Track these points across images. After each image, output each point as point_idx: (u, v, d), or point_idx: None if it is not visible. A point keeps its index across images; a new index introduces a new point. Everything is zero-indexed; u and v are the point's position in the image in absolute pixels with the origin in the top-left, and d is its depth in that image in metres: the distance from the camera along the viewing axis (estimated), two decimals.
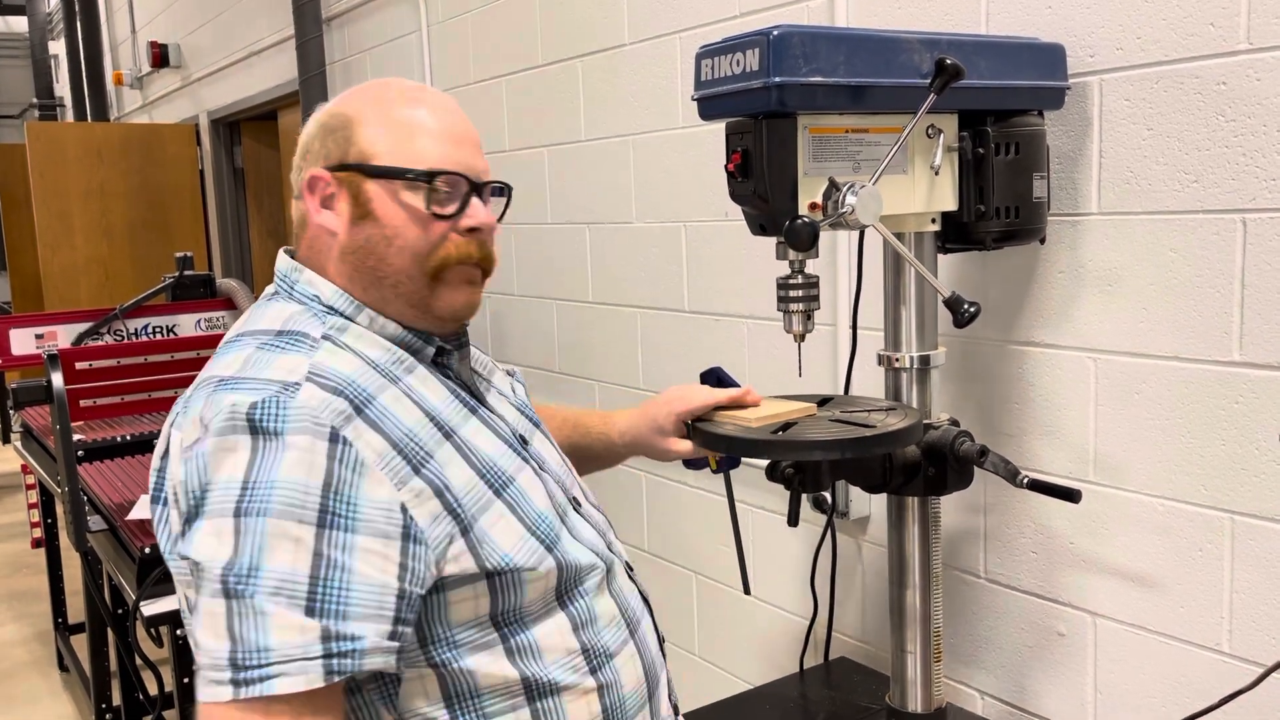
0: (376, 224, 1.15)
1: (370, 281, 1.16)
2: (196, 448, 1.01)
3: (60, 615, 4.04)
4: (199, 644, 0.97)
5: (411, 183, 1.15)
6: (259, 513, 0.96)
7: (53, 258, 5.66)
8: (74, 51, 7.43)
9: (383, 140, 1.16)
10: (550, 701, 1.14)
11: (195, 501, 0.99)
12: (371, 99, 1.19)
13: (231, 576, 0.96)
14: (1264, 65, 1.38)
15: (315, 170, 1.17)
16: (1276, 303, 1.40)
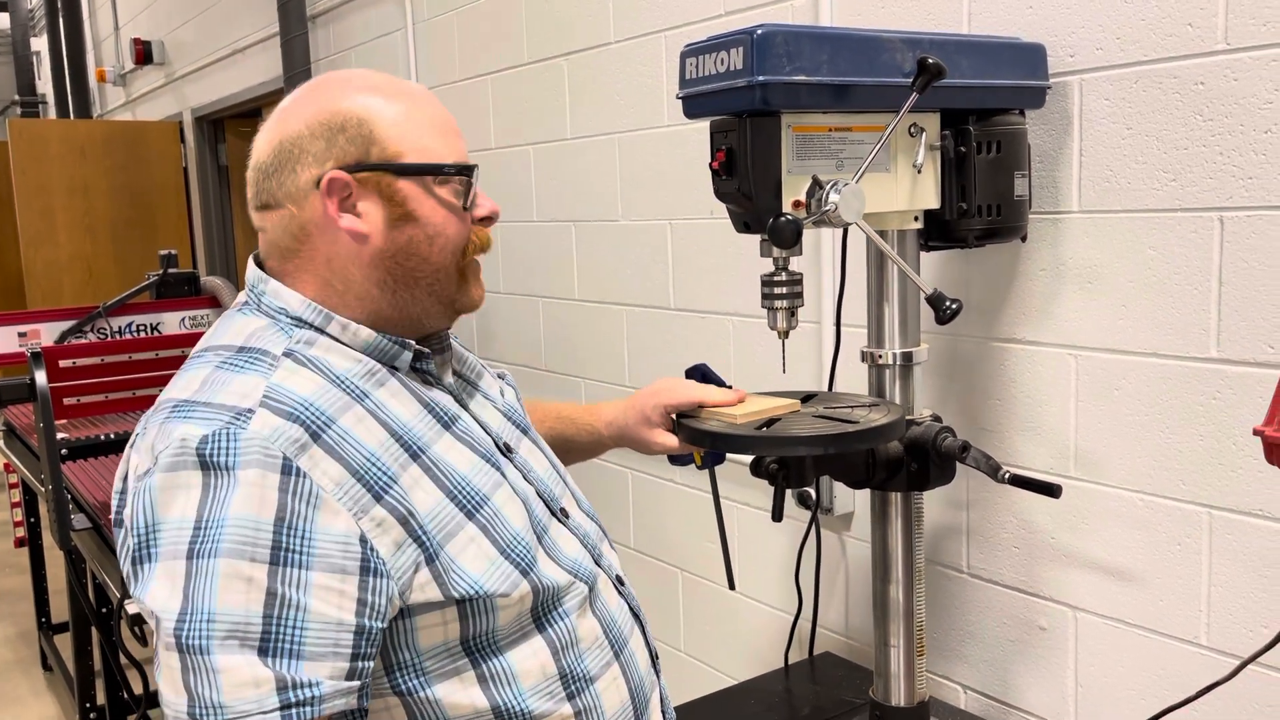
0: (418, 224, 1.11)
1: (404, 284, 1.12)
2: (146, 480, 0.98)
3: (44, 614, 4.02)
4: (161, 693, 0.95)
5: (445, 179, 1.12)
6: (210, 554, 0.92)
7: (35, 255, 5.63)
8: (56, 48, 7.38)
9: (408, 135, 1.11)
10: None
11: (143, 540, 0.96)
12: (370, 94, 1.12)
13: (185, 629, 0.92)
14: (1241, 65, 1.40)
15: (333, 173, 1.08)
16: (1253, 300, 1.42)
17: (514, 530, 1.11)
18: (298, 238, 1.12)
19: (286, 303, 1.11)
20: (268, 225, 1.14)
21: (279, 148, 1.12)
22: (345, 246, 1.11)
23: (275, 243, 1.14)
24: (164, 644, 0.93)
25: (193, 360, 1.10)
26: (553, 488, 1.25)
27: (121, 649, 2.59)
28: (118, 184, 5.81)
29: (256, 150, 1.14)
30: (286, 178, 1.11)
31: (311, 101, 1.13)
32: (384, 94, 1.13)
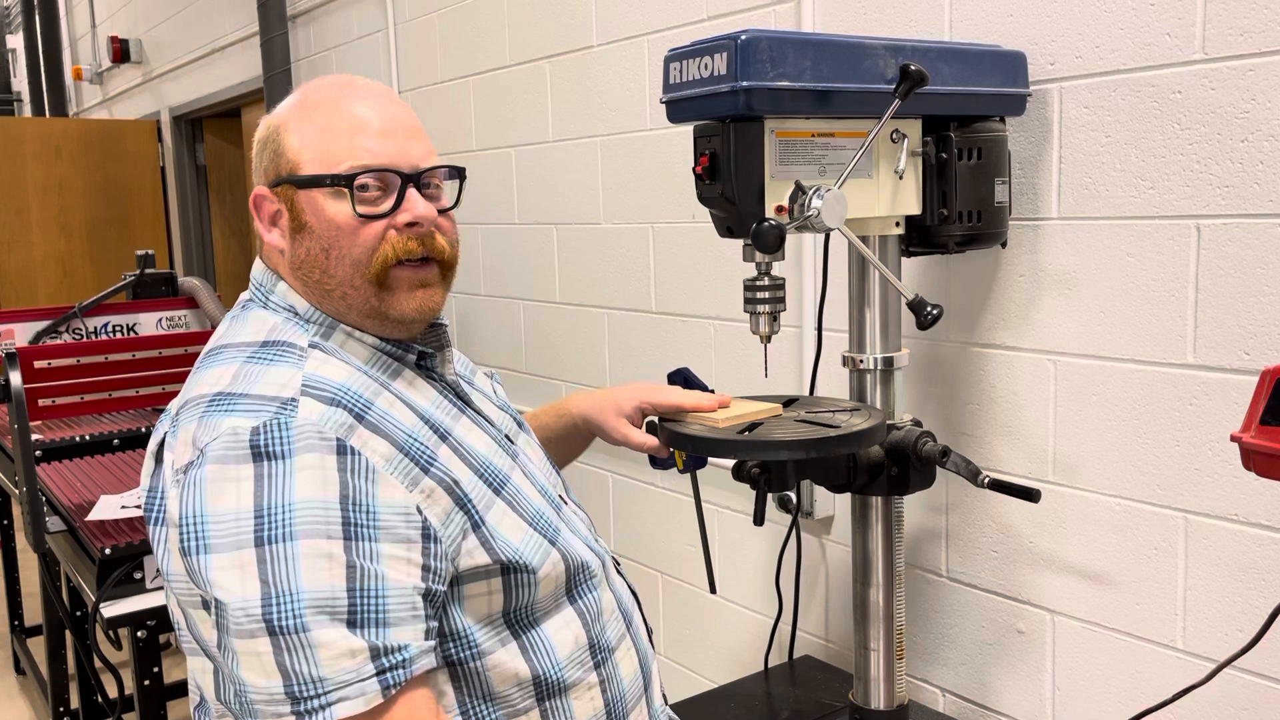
0: (312, 235, 1.11)
1: (321, 295, 1.13)
2: (192, 473, 0.98)
3: (16, 618, 3.98)
4: (245, 683, 0.95)
5: (333, 188, 1.10)
6: (285, 538, 0.95)
7: (9, 255, 5.57)
8: (32, 45, 7.31)
9: (306, 147, 1.11)
10: (559, 701, 1.13)
11: (193, 532, 0.97)
12: (296, 104, 1.15)
13: (275, 612, 0.93)
14: (1218, 75, 1.42)
15: (258, 189, 1.14)
16: (1229, 307, 1.44)
17: (536, 506, 1.17)
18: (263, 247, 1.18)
19: (294, 303, 1.15)
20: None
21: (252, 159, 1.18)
22: (275, 258, 1.16)
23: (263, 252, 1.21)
24: (244, 631, 0.94)
25: (212, 357, 1.10)
26: (549, 477, 1.30)
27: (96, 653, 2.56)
28: (94, 183, 5.76)
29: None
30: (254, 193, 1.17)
31: (271, 113, 1.19)
32: (305, 100, 1.14)
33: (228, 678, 1.00)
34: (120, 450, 3.04)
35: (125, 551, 2.15)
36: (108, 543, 2.16)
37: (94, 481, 2.66)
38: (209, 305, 3.55)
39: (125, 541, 2.17)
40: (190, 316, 3.59)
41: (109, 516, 2.35)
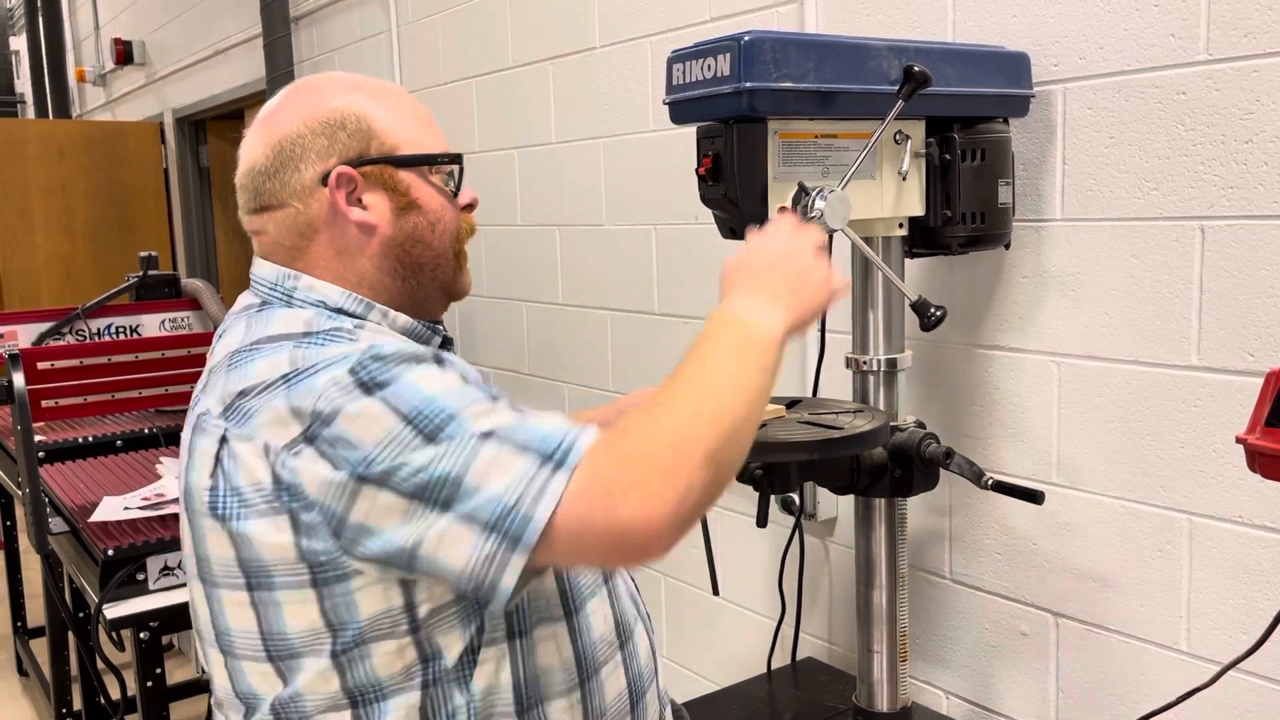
0: (421, 212, 1.16)
1: (411, 270, 1.16)
2: (322, 433, 0.97)
3: (19, 619, 3.98)
4: (487, 492, 0.93)
5: (439, 168, 1.18)
6: (449, 418, 0.95)
7: (12, 256, 5.58)
8: (35, 47, 7.32)
9: (399, 131, 1.15)
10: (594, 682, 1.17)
11: (367, 470, 0.95)
12: (358, 93, 1.16)
13: (491, 435, 0.95)
14: (1223, 76, 1.42)
15: (340, 168, 1.11)
16: (1233, 308, 1.43)
17: None
18: (304, 234, 1.14)
19: (324, 295, 1.13)
20: (268, 227, 1.15)
21: (279, 147, 1.13)
22: (354, 239, 1.14)
23: (279, 242, 1.15)
24: (471, 458, 0.94)
25: (250, 352, 1.06)
26: None
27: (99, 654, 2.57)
28: (97, 185, 5.76)
29: (249, 154, 1.15)
30: (290, 176, 1.12)
31: (303, 102, 1.15)
32: (370, 91, 1.17)
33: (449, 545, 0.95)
34: (123, 451, 3.04)
35: (128, 553, 2.15)
36: (110, 544, 2.16)
37: (97, 483, 2.66)
38: (212, 307, 3.55)
39: (128, 543, 2.17)
40: (193, 318, 3.59)
41: (112, 518, 2.35)
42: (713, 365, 1.02)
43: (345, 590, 1.01)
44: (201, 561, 1.07)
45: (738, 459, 1.00)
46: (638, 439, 0.95)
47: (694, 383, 1.01)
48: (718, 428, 0.96)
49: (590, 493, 0.92)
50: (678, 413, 0.97)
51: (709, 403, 0.98)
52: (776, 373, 1.06)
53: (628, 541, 0.92)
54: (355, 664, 1.04)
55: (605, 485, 0.92)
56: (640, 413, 0.98)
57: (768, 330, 1.06)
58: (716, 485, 0.96)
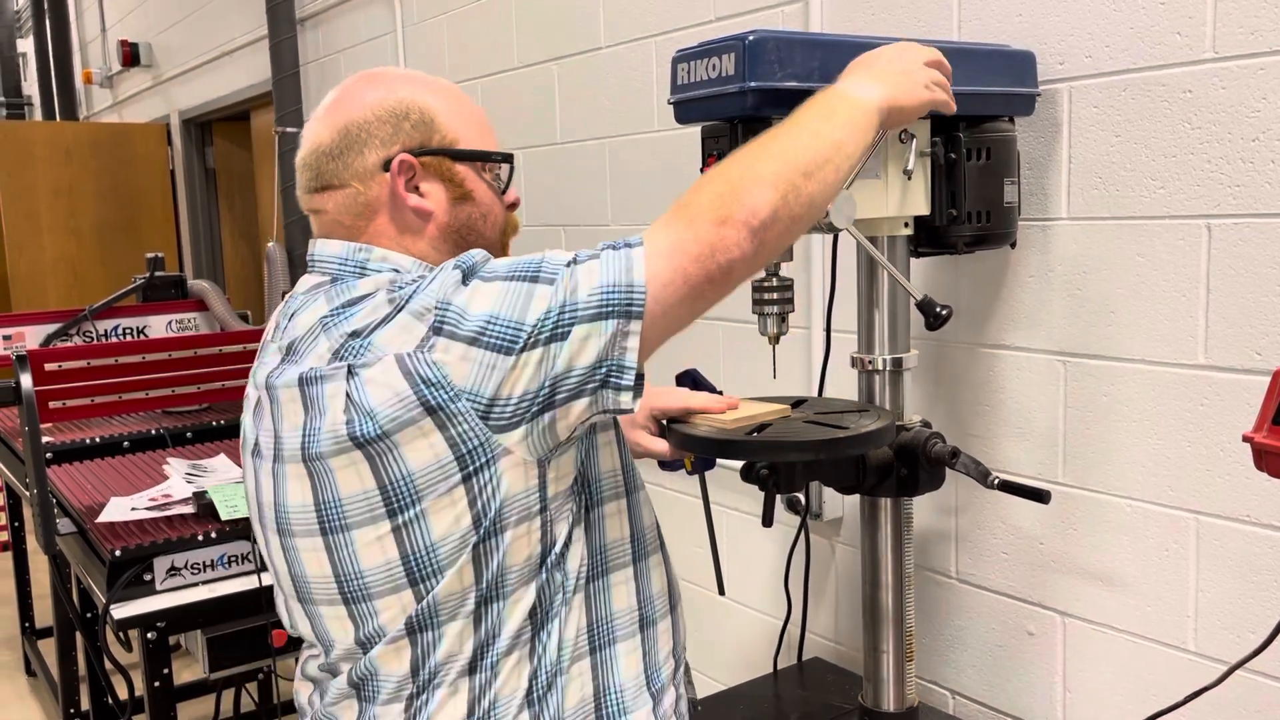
0: (475, 204, 1.23)
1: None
2: (446, 316, 1.05)
3: (27, 619, 3.99)
4: (591, 291, 1.04)
5: (491, 165, 1.25)
6: (540, 262, 1.07)
7: (20, 258, 5.59)
8: (42, 50, 7.34)
9: (460, 126, 1.23)
10: (644, 564, 1.29)
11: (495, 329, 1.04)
12: (424, 86, 1.23)
13: (571, 260, 1.06)
14: (1229, 74, 1.41)
15: (402, 155, 1.18)
16: (1240, 307, 1.43)
17: None
18: (363, 215, 1.20)
19: (398, 263, 1.19)
20: (328, 206, 1.21)
21: (345, 131, 1.20)
22: (410, 223, 1.20)
23: (337, 221, 1.22)
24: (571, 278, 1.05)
25: (345, 309, 1.11)
26: None
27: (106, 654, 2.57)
28: (104, 187, 5.78)
29: (314, 136, 1.21)
30: (353, 159, 1.19)
31: (371, 91, 1.22)
32: (434, 88, 1.25)
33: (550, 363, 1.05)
34: (130, 452, 3.05)
35: (135, 553, 2.16)
36: (118, 544, 2.17)
37: (104, 483, 2.67)
38: (218, 308, 3.56)
39: (135, 543, 2.18)
40: (200, 319, 3.60)
41: (119, 518, 2.36)
42: (799, 117, 1.14)
43: (493, 474, 1.08)
44: (327, 509, 1.11)
45: (820, 196, 1.11)
46: (721, 178, 1.07)
47: (778, 131, 1.13)
48: (790, 158, 1.08)
49: (665, 237, 1.05)
50: (749, 150, 1.10)
51: (787, 142, 1.10)
52: (865, 137, 1.18)
53: (713, 257, 1.04)
54: (491, 555, 1.11)
55: (677, 224, 1.05)
56: (722, 162, 1.11)
57: (861, 97, 1.19)
58: (787, 208, 1.06)
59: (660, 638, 1.30)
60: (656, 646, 1.29)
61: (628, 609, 1.25)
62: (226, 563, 2.26)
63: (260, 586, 2.21)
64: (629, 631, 1.25)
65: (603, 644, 1.23)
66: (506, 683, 1.15)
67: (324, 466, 1.10)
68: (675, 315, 1.07)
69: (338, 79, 4.13)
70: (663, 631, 1.30)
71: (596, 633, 1.22)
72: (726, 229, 1.04)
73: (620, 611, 1.24)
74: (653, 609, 1.29)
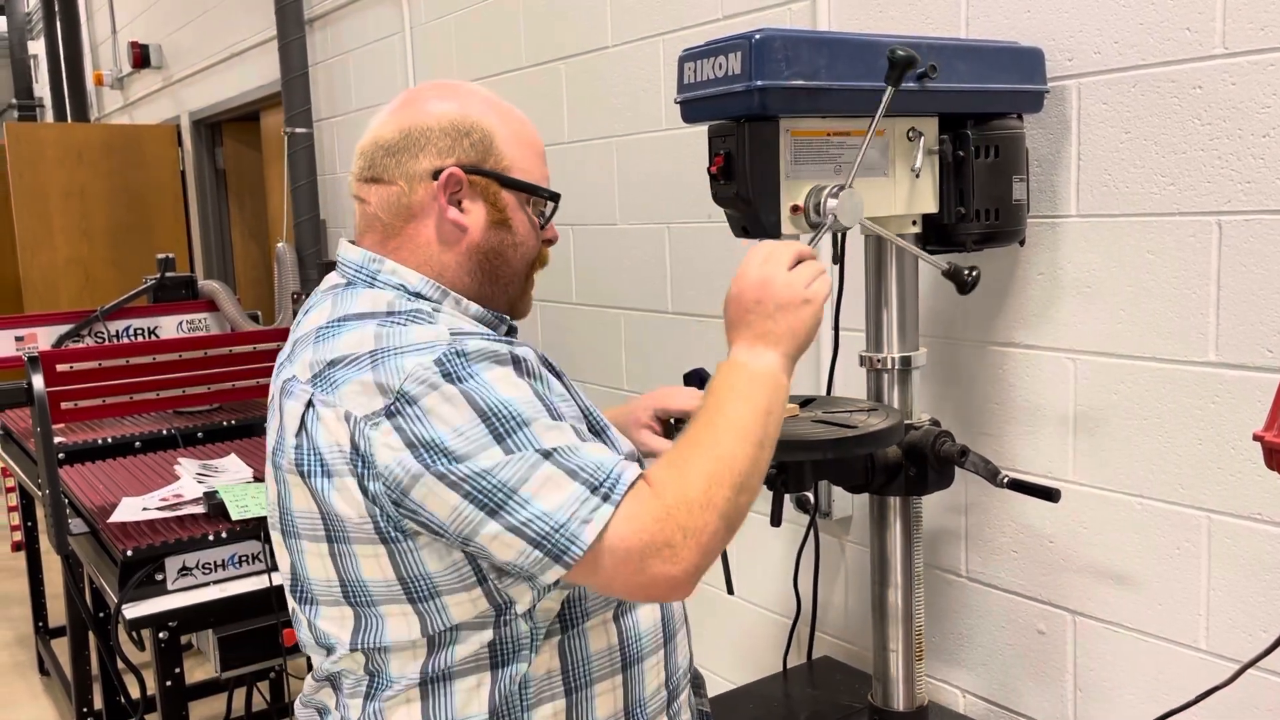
0: (510, 231, 1.25)
1: (488, 279, 1.26)
2: (404, 410, 1.06)
3: (41, 619, 4.01)
4: (540, 511, 1.03)
5: (536, 199, 1.27)
6: (519, 425, 1.06)
7: (32, 260, 5.62)
8: (53, 51, 7.37)
9: (516, 154, 1.25)
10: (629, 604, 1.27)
11: (434, 456, 1.05)
12: (493, 109, 1.26)
13: (542, 450, 1.05)
14: (1239, 70, 1.40)
15: (454, 168, 1.21)
16: (1251, 304, 1.42)
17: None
18: (400, 215, 1.23)
19: (405, 279, 1.22)
20: (372, 198, 1.24)
21: (408, 133, 1.22)
22: (446, 234, 1.23)
23: (377, 216, 1.24)
24: (528, 471, 1.05)
25: (335, 327, 1.16)
26: None
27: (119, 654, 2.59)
28: (115, 188, 5.80)
29: (380, 129, 1.25)
30: (407, 160, 1.22)
31: (443, 101, 1.25)
32: (502, 113, 1.27)
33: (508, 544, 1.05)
34: (142, 453, 3.06)
35: (147, 553, 2.17)
36: (129, 545, 2.18)
37: (116, 484, 2.68)
38: (229, 308, 3.57)
39: (147, 543, 2.19)
40: (210, 320, 3.62)
41: (131, 518, 2.37)
42: (725, 420, 1.12)
43: (411, 548, 1.10)
44: (284, 515, 1.18)
45: (748, 504, 1.12)
46: (670, 497, 1.06)
47: (711, 439, 1.11)
48: (731, 483, 1.08)
49: (629, 541, 1.03)
50: (698, 473, 1.08)
51: (724, 461, 1.09)
52: (784, 394, 1.17)
53: (653, 589, 1.07)
54: (432, 614, 1.13)
55: (642, 539, 1.04)
56: (669, 468, 1.09)
57: (768, 373, 1.16)
58: (730, 532, 1.09)
59: (648, 674, 1.28)
60: (643, 682, 1.27)
61: (606, 650, 1.23)
62: (238, 562, 2.27)
63: (271, 586, 2.22)
64: (608, 672, 1.23)
65: (577, 686, 1.21)
66: (466, 705, 1.16)
67: (283, 477, 1.17)
68: (595, 588, 1.12)
69: (346, 79, 4.13)
70: (651, 667, 1.28)
71: (571, 675, 1.20)
72: (678, 570, 1.05)
73: (598, 654, 1.22)
74: (638, 648, 1.26)
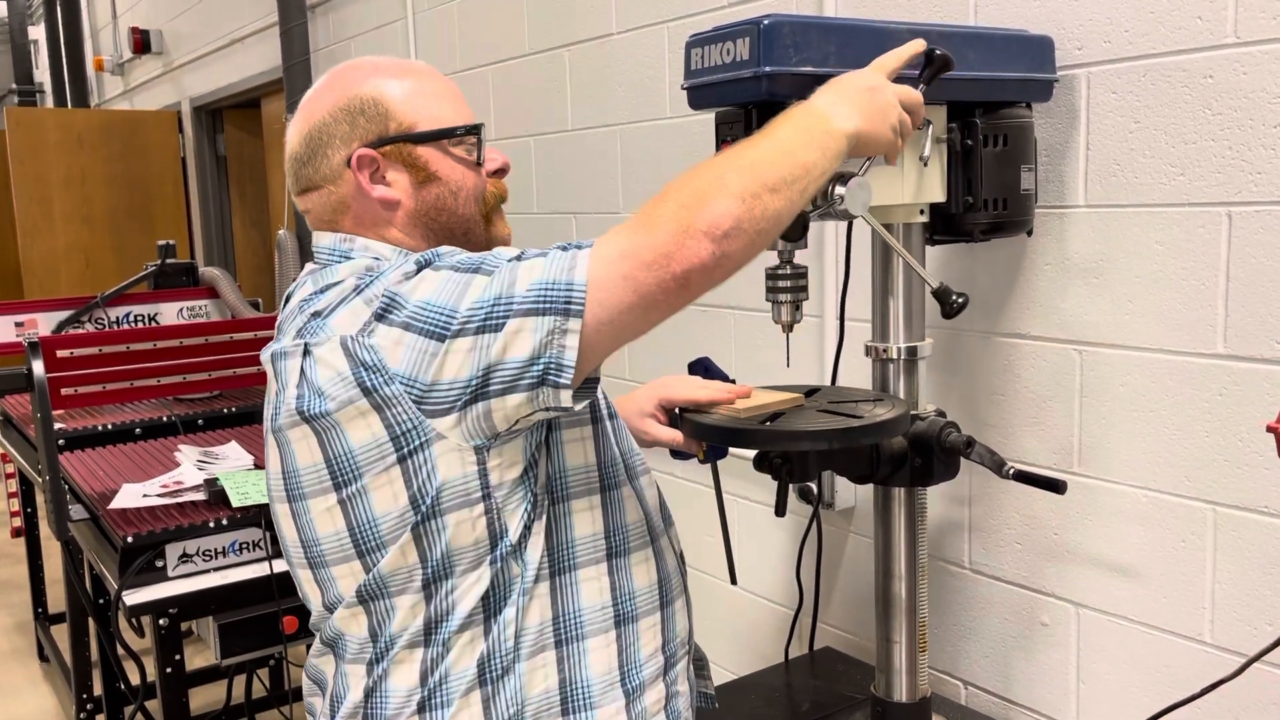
0: (440, 182, 1.26)
1: (443, 235, 1.27)
2: (391, 303, 1.09)
3: (40, 605, 4.02)
4: (529, 286, 1.04)
5: (457, 139, 1.26)
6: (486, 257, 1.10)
7: (32, 245, 5.61)
8: (54, 37, 7.34)
9: (417, 110, 1.25)
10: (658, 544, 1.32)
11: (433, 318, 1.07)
12: (384, 76, 1.27)
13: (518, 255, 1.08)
14: (1251, 59, 1.39)
15: (361, 150, 1.23)
16: (1260, 296, 1.41)
17: None
18: (339, 211, 1.27)
19: (378, 251, 1.25)
20: (312, 206, 1.29)
21: (309, 137, 1.26)
22: (379, 214, 1.26)
23: (321, 217, 1.29)
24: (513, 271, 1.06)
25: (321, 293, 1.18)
26: None
27: (119, 640, 2.58)
28: (115, 174, 5.78)
29: (289, 143, 1.29)
30: (320, 163, 1.26)
31: (329, 92, 1.27)
32: (390, 74, 1.27)
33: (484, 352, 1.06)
34: (142, 439, 3.06)
35: (147, 540, 2.16)
36: (130, 531, 2.17)
37: (116, 470, 2.67)
38: (229, 295, 3.56)
39: (147, 530, 2.18)
40: (211, 306, 3.61)
41: (131, 505, 2.36)
42: (774, 131, 1.12)
43: (427, 458, 1.11)
44: (290, 478, 1.19)
45: (784, 208, 1.07)
46: (669, 189, 1.05)
47: (752, 142, 1.11)
48: (760, 173, 1.05)
49: (620, 242, 1.03)
50: (719, 160, 1.07)
51: (758, 154, 1.07)
52: (834, 163, 1.14)
53: (668, 266, 1.01)
54: (434, 537, 1.14)
55: (637, 230, 1.03)
56: (697, 169, 1.07)
57: (837, 122, 1.15)
58: (752, 221, 1.03)
59: (644, 634, 1.29)
60: (637, 643, 1.28)
61: (599, 605, 1.24)
62: (238, 549, 2.26)
63: (271, 573, 2.21)
64: (600, 627, 1.24)
65: (569, 638, 1.22)
66: (459, 660, 1.17)
67: (285, 438, 1.17)
68: (624, 322, 1.05)
69: None
70: (647, 628, 1.29)
71: (562, 626, 1.22)
72: (687, 238, 1.01)
73: (590, 607, 1.23)
74: (631, 606, 1.28)
